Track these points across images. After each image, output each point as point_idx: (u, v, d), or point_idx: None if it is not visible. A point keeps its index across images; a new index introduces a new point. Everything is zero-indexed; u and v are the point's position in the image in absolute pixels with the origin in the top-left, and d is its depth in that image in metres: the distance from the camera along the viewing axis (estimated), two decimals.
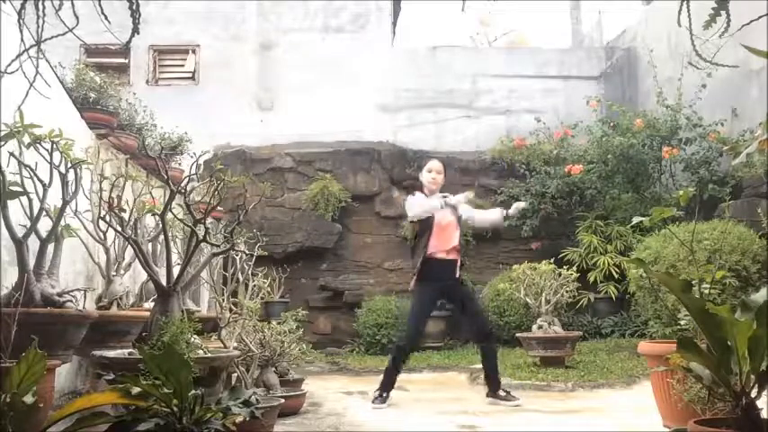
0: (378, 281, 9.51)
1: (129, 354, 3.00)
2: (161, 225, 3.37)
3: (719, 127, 7.71)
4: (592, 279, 8.16)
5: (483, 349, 5.18)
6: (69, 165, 3.59)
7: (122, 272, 4.60)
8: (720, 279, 4.30)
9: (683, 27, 2.16)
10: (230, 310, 4.47)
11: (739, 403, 2.01)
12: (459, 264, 5.18)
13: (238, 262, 4.90)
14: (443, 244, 5.10)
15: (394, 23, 11.51)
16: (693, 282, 2.49)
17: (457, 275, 5.17)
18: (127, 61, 10.11)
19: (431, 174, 5.30)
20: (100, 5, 2.22)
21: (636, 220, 2.84)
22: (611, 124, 8.57)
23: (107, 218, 3.84)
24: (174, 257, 3.89)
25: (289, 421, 4.19)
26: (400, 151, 9.98)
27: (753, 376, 1.99)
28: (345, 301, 9.36)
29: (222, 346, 3.85)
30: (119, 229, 3.71)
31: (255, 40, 10.50)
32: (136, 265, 4.79)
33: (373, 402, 4.98)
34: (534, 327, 6.75)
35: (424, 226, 5.12)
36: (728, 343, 2.00)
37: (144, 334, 3.01)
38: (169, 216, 3.34)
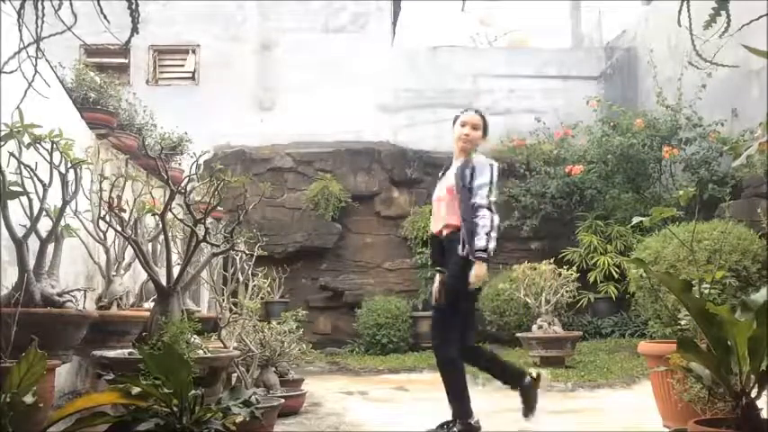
0: (378, 281, 9.50)
1: (129, 354, 3.00)
2: (161, 225, 3.37)
3: (719, 127, 7.71)
4: (592, 279, 8.16)
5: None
6: (69, 165, 3.58)
7: (122, 272, 4.60)
8: (720, 279, 4.30)
9: (683, 27, 2.16)
10: (230, 310, 4.47)
11: (739, 403, 2.01)
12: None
13: (238, 262, 4.90)
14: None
15: (394, 23, 11.51)
16: (693, 282, 2.49)
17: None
18: (127, 61, 10.12)
19: (464, 128, 4.07)
20: (99, 5, 2.22)
21: (636, 220, 2.84)
22: (611, 124, 8.57)
23: (107, 218, 3.84)
24: (174, 257, 3.89)
25: (289, 421, 4.19)
26: (400, 151, 9.98)
27: (753, 376, 1.99)
28: (345, 301, 9.36)
29: (222, 346, 3.85)
30: (119, 229, 3.71)
31: (255, 40, 10.50)
32: (136, 265, 4.79)
33: None
34: (534, 327, 6.75)
35: None
36: (728, 343, 2.00)
37: (144, 334, 3.01)
38: (169, 216, 3.34)
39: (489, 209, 3.85)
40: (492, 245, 3.81)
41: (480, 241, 3.77)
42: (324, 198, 9.39)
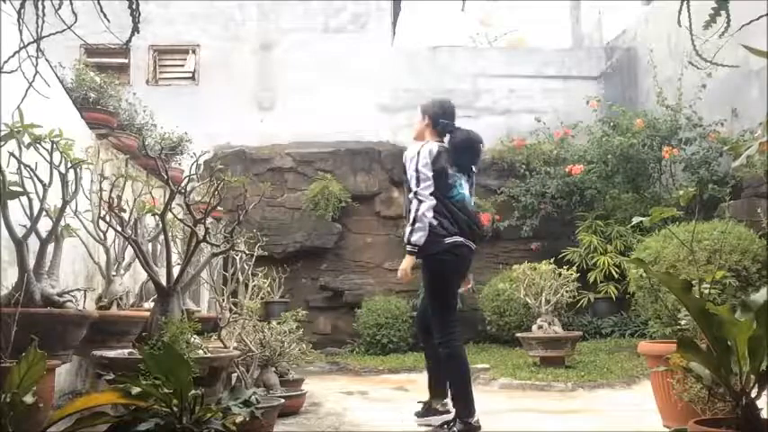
0: (378, 281, 9.50)
1: (129, 354, 3.00)
2: (161, 225, 3.37)
3: (719, 127, 7.71)
4: (592, 279, 8.17)
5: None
6: (69, 165, 3.58)
7: (122, 272, 4.60)
8: (720, 279, 4.30)
9: (683, 27, 2.16)
10: (230, 310, 4.48)
11: (739, 403, 2.01)
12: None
13: (238, 262, 4.90)
14: None
15: (394, 23, 11.51)
16: (693, 282, 2.49)
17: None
18: (127, 61, 10.12)
19: None
20: (99, 5, 2.22)
21: (636, 220, 2.83)
22: (611, 124, 8.58)
23: (107, 218, 3.84)
24: (174, 257, 3.89)
25: (289, 421, 4.19)
26: (400, 151, 9.82)
27: (753, 376, 1.99)
28: (345, 301, 9.36)
29: (222, 346, 3.85)
30: (119, 229, 3.71)
31: (255, 40, 10.50)
32: (136, 265, 4.78)
33: None
34: (534, 327, 6.75)
35: None
36: (728, 343, 2.00)
37: (144, 334, 3.01)
38: (169, 216, 3.34)
39: (418, 198, 3.86)
40: (415, 237, 3.83)
41: (404, 236, 3.90)
42: (324, 198, 9.39)
